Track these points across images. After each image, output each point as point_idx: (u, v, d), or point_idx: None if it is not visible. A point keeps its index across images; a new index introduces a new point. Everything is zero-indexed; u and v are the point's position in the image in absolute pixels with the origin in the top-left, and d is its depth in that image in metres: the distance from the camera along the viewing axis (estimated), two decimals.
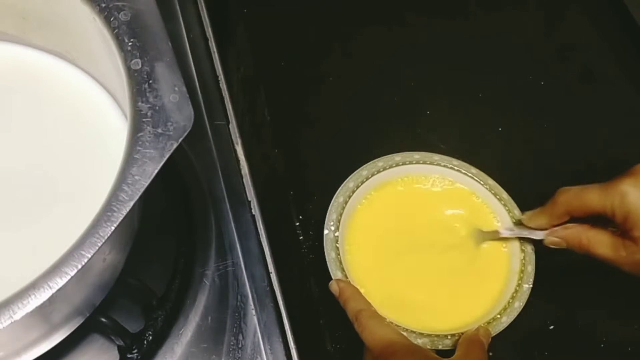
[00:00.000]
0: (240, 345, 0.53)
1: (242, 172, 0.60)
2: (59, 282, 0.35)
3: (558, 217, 0.50)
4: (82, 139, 0.51)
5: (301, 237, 0.59)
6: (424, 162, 0.57)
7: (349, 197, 0.55)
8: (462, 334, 0.49)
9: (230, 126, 0.63)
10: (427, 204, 0.57)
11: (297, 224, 0.60)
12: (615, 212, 0.45)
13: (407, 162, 0.57)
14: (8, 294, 0.35)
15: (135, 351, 0.50)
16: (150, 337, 0.50)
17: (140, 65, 0.41)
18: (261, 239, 0.57)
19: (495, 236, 0.54)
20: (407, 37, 0.71)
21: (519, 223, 0.54)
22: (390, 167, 0.56)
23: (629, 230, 0.45)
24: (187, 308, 0.54)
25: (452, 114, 0.67)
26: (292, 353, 0.53)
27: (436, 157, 0.57)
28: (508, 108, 0.67)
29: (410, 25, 0.72)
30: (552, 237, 0.50)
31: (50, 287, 0.35)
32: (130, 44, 0.42)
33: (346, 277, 0.51)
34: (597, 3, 0.74)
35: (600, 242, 0.47)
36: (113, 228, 0.36)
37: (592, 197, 0.46)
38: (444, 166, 0.57)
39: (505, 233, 0.54)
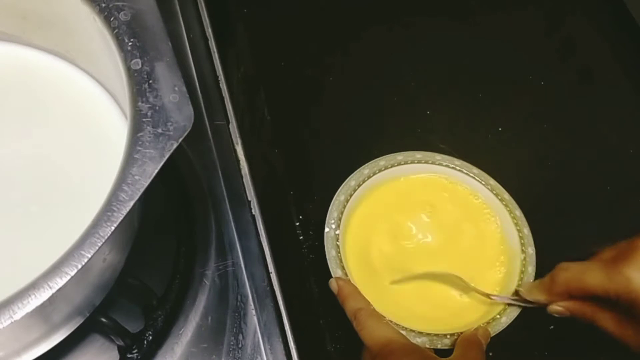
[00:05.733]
0: (240, 345, 0.53)
1: (242, 172, 0.60)
2: (59, 282, 0.35)
3: (557, 295, 0.47)
4: (82, 139, 0.51)
5: (301, 237, 0.59)
6: (426, 162, 0.57)
7: (350, 195, 0.55)
8: (461, 333, 0.49)
9: (230, 126, 0.63)
10: (428, 204, 0.57)
11: (297, 224, 0.60)
12: (620, 298, 0.43)
13: (409, 162, 0.57)
14: (8, 294, 0.35)
15: (135, 351, 0.50)
16: (150, 337, 0.50)
17: (140, 65, 0.41)
18: (261, 239, 0.57)
19: (486, 297, 0.52)
20: (408, 38, 0.71)
21: (516, 293, 0.52)
22: (392, 166, 0.56)
23: (636, 314, 0.43)
24: (187, 308, 0.54)
25: (452, 114, 0.67)
26: (292, 353, 0.53)
27: (438, 156, 0.57)
28: (508, 108, 0.67)
29: (411, 26, 0.72)
30: (555, 307, 0.48)
31: (50, 287, 0.35)
32: (130, 44, 0.42)
33: (346, 275, 0.51)
34: (597, 3, 0.74)
35: (605, 317, 0.45)
36: (113, 228, 0.36)
37: (593, 281, 0.44)
38: (446, 166, 0.57)
39: (497, 299, 0.52)
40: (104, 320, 0.49)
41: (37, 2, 0.48)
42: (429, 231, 0.56)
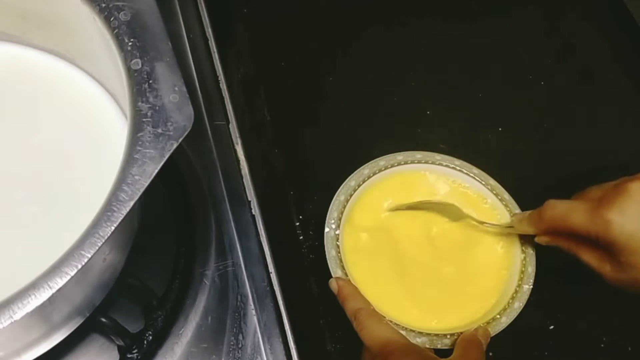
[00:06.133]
0: (240, 345, 0.53)
1: (242, 172, 0.60)
2: (59, 282, 0.35)
3: (543, 231, 0.50)
4: (82, 139, 0.51)
5: (301, 237, 0.59)
6: (426, 162, 0.57)
7: (350, 195, 0.55)
8: (461, 333, 0.49)
9: (230, 126, 0.63)
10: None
11: (297, 224, 0.60)
12: (599, 239, 0.45)
13: (409, 162, 0.57)
14: (8, 294, 0.35)
15: (135, 351, 0.50)
16: (150, 337, 0.50)
17: (140, 65, 0.41)
18: (261, 239, 0.57)
19: (480, 224, 0.55)
20: (408, 38, 0.71)
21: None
22: (392, 166, 0.56)
23: (613, 254, 0.45)
24: (187, 308, 0.54)
25: (452, 114, 0.67)
26: (292, 353, 0.53)
27: (438, 156, 0.57)
28: (508, 108, 0.67)
29: (411, 26, 0.72)
30: (543, 237, 0.51)
31: (50, 287, 0.35)
32: (130, 44, 0.42)
33: (346, 275, 0.51)
34: (597, 3, 0.74)
35: (586, 251, 0.48)
36: (113, 228, 0.36)
37: (577, 220, 0.46)
38: (446, 166, 0.57)
39: (489, 227, 0.54)
40: (104, 320, 0.49)
41: (37, 2, 0.48)
42: (429, 230, 0.56)
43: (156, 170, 0.38)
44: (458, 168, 0.57)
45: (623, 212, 0.44)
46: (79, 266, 0.35)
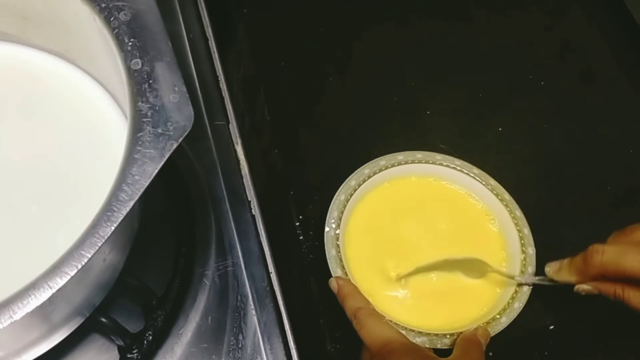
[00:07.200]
0: (240, 345, 0.53)
1: (242, 172, 0.60)
2: (59, 282, 0.35)
3: (590, 278, 0.47)
4: (82, 139, 0.51)
5: (301, 237, 0.59)
6: (426, 162, 0.57)
7: (351, 195, 0.55)
8: (461, 333, 0.49)
9: (230, 126, 0.63)
10: (428, 204, 0.57)
11: (297, 223, 0.60)
12: None
13: (410, 162, 0.57)
14: (8, 294, 0.35)
15: (135, 351, 0.50)
16: (150, 337, 0.50)
17: (140, 65, 0.41)
18: (261, 239, 0.57)
19: (508, 278, 0.53)
20: (408, 38, 0.71)
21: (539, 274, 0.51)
22: (393, 166, 0.56)
23: None
24: (187, 308, 0.54)
25: (452, 114, 0.67)
26: (292, 353, 0.53)
27: (438, 156, 0.57)
28: (508, 108, 0.67)
29: (411, 26, 0.72)
30: (584, 286, 0.47)
31: (50, 287, 0.35)
32: (130, 44, 0.42)
33: (346, 274, 0.51)
34: (597, 3, 0.74)
35: (636, 295, 0.45)
36: (113, 228, 0.36)
37: (631, 264, 0.44)
38: (446, 166, 0.57)
39: (522, 280, 0.52)
40: (104, 320, 0.49)
41: (36, 2, 0.48)
42: (429, 231, 0.56)
43: (156, 170, 0.38)
44: (458, 168, 0.57)
45: None
46: (79, 266, 0.35)
